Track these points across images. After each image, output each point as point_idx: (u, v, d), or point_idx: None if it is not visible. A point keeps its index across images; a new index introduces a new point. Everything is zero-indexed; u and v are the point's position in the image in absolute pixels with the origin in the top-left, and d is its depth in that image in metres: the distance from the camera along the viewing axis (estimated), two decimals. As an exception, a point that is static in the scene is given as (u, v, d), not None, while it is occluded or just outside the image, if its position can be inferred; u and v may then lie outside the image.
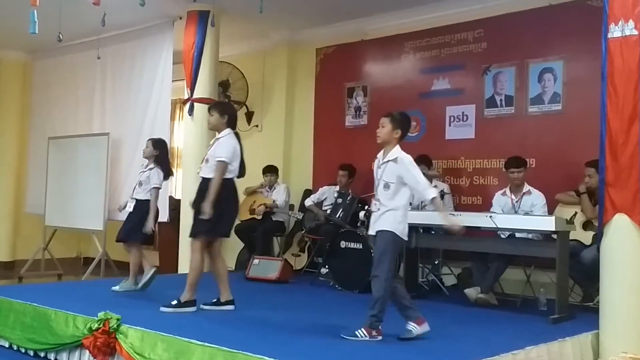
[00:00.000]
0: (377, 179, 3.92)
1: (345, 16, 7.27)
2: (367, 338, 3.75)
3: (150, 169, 5.56)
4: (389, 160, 3.87)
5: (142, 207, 5.51)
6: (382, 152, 3.99)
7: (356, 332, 3.77)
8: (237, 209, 4.86)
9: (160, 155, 5.62)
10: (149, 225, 5.43)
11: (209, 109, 4.80)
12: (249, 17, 6.95)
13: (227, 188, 4.57)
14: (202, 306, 4.62)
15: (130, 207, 5.58)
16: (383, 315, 3.80)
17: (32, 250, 8.62)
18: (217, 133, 4.74)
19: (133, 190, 5.66)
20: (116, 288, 5.48)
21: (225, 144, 4.57)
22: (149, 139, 5.78)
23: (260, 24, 7.42)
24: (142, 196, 5.53)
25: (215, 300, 4.67)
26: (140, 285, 5.45)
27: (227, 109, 4.78)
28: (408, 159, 3.87)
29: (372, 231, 3.94)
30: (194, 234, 4.61)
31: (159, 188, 5.58)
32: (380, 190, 3.87)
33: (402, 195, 3.85)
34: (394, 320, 3.92)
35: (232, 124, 4.71)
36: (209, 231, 4.57)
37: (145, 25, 7.71)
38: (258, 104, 8.22)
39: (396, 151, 3.89)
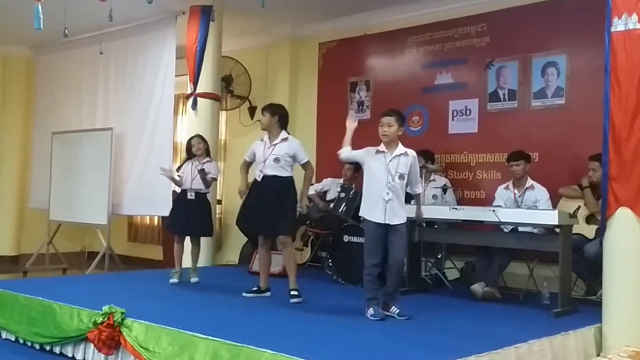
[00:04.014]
0: (391, 172, 4.22)
1: (348, 11, 7.27)
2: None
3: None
4: (400, 154, 4.27)
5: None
6: (382, 147, 4.32)
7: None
8: None
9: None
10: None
11: (262, 111, 5.00)
12: (252, 12, 6.95)
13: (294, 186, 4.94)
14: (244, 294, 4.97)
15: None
16: None
17: (36, 244, 8.65)
18: (267, 133, 4.95)
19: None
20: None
21: (300, 146, 4.92)
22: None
23: (262, 19, 7.42)
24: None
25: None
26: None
27: (277, 110, 4.98)
28: (414, 153, 4.37)
29: (389, 221, 4.20)
30: (284, 232, 4.85)
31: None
32: (397, 182, 4.22)
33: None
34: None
35: (284, 124, 4.95)
36: (295, 225, 5.14)
37: (148, 20, 7.71)
38: (261, 98, 8.21)
39: (401, 146, 4.32)
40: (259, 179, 4.86)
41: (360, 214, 4.43)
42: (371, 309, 4.20)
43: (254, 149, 4.98)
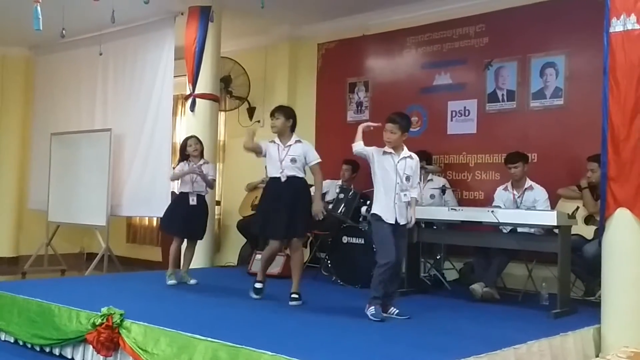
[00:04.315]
0: (399, 173, 4.30)
1: (347, 11, 7.26)
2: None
3: None
4: (406, 157, 4.36)
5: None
6: (387, 149, 4.37)
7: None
8: None
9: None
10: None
11: (274, 113, 4.90)
12: (251, 13, 6.95)
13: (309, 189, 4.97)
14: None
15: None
16: None
17: (35, 246, 8.64)
18: (278, 136, 4.88)
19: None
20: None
21: (312, 148, 4.96)
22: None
23: (261, 20, 7.41)
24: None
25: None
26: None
27: (290, 113, 4.94)
28: (417, 158, 4.48)
29: (400, 220, 4.30)
30: (301, 234, 4.89)
31: None
32: (404, 183, 4.31)
33: None
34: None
35: (294, 127, 4.94)
36: (310, 227, 5.10)
37: (146, 20, 7.71)
38: (260, 99, 8.22)
39: (406, 149, 4.42)
40: (283, 179, 4.78)
41: (374, 212, 4.35)
42: (373, 307, 4.20)
43: (268, 145, 4.88)
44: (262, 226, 4.91)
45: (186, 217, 5.72)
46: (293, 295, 4.78)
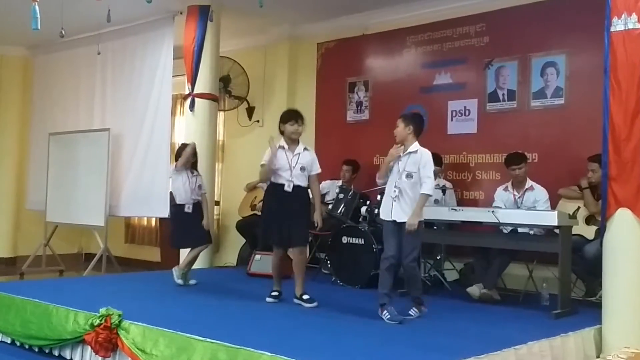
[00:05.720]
0: (399, 169, 4.26)
1: (346, 10, 7.25)
2: (418, 314, 4.39)
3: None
4: (410, 152, 4.27)
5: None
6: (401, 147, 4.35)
7: (409, 312, 4.35)
8: None
9: None
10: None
11: (297, 119, 4.84)
12: (250, 12, 6.93)
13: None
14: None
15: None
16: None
17: (33, 246, 8.63)
18: (288, 140, 4.83)
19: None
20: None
21: (316, 156, 4.95)
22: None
23: (260, 19, 7.40)
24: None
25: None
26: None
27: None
28: (428, 153, 4.30)
29: (396, 218, 4.24)
30: (304, 242, 4.92)
31: None
32: (404, 180, 4.23)
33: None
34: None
35: None
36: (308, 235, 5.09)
37: (145, 20, 7.70)
38: (259, 99, 8.20)
39: (415, 145, 4.30)
40: (289, 189, 4.70)
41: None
42: (386, 311, 4.18)
43: (278, 154, 4.76)
44: (265, 236, 4.92)
45: (194, 225, 5.70)
46: (305, 297, 4.73)
